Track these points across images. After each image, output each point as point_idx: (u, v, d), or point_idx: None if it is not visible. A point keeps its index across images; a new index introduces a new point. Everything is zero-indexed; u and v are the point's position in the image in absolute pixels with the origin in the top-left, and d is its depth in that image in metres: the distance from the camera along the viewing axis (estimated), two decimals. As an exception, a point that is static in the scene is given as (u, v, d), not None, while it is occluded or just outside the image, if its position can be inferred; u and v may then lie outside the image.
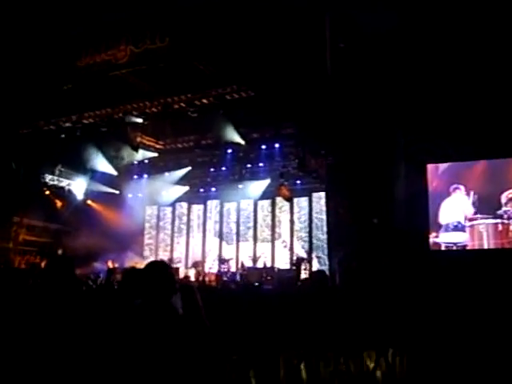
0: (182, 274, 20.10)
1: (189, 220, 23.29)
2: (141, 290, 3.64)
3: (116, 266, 18.59)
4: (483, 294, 7.94)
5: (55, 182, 21.28)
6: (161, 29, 14.85)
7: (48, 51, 16.33)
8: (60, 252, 19.91)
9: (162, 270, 3.72)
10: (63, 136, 18.16)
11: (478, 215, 14.04)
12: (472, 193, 14.04)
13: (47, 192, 20.98)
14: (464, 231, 14.18)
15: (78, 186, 21.81)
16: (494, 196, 13.87)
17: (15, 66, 16.48)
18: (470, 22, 12.30)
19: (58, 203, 21.41)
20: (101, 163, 20.32)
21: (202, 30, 14.20)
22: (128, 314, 3.61)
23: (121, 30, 15.57)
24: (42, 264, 18.25)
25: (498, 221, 13.83)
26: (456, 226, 14.20)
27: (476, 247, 14.05)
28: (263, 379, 4.25)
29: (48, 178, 20.92)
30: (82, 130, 18.01)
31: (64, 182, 21.53)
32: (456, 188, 14.22)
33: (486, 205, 13.97)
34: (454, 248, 14.12)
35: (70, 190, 21.76)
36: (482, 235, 13.95)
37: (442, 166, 14.48)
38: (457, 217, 14.22)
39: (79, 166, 20.46)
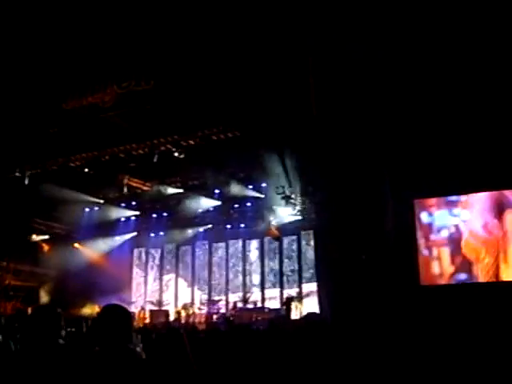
0: (172, 316, 19.90)
1: (177, 261, 23.11)
2: (98, 337, 3.55)
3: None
4: (476, 330, 7.89)
5: (43, 227, 21.17)
6: (146, 72, 15.01)
7: (34, 95, 16.40)
8: (45, 300, 19.67)
9: (116, 314, 3.61)
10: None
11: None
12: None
13: (34, 236, 20.84)
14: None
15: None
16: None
17: (1, 110, 16.51)
18: (456, 55, 12.49)
19: (45, 247, 21.25)
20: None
21: (187, 72, 14.36)
22: (87, 362, 3.52)
23: (107, 74, 15.72)
24: (28, 310, 17.98)
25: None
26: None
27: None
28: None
29: (36, 222, 20.81)
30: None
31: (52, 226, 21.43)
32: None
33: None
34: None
35: (58, 234, 21.63)
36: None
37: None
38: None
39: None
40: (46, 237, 21.43)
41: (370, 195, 13.67)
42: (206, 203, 20.23)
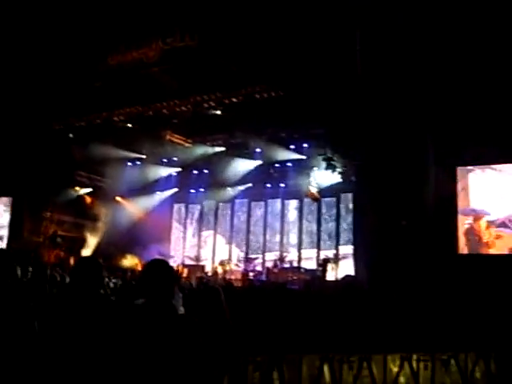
0: (209, 272, 20.23)
1: (216, 218, 23.33)
2: (142, 289, 3.65)
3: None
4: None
5: (85, 180, 21.58)
6: (191, 27, 14.92)
7: (80, 49, 16.52)
8: (89, 252, 20.16)
9: (162, 269, 3.70)
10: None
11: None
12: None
13: (77, 188, 21.27)
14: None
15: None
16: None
17: (47, 62, 16.70)
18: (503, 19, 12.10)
19: (88, 199, 21.69)
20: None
21: (231, 29, 14.24)
22: (129, 314, 3.63)
23: (152, 29, 15.69)
24: (71, 259, 18.51)
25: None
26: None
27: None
28: (286, 381, 4.23)
29: (80, 174, 21.22)
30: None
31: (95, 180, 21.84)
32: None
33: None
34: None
35: (100, 187, 22.03)
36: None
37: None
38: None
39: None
40: (89, 190, 21.83)
41: (412, 160, 13.49)
42: (246, 165, 20.28)
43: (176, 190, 22.72)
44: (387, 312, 5.85)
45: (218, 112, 16.75)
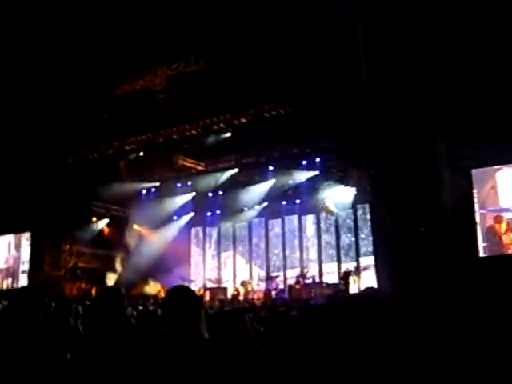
0: (230, 293, 20.16)
1: (234, 239, 23.31)
2: (166, 317, 3.65)
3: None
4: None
5: (102, 210, 21.70)
6: (195, 51, 15.06)
7: (87, 81, 16.74)
8: (110, 282, 20.19)
9: (185, 296, 3.71)
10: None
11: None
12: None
13: (94, 219, 21.39)
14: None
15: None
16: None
17: (57, 97, 16.93)
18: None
19: (106, 229, 21.80)
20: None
21: (235, 50, 14.34)
22: (154, 340, 3.63)
23: (157, 56, 15.87)
24: (93, 291, 18.56)
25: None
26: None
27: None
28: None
29: (95, 205, 21.35)
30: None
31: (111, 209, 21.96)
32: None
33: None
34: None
35: (117, 216, 22.15)
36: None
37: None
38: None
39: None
40: (106, 220, 21.94)
41: (426, 166, 13.42)
42: (260, 187, 20.33)
43: (193, 214, 22.76)
44: (410, 322, 5.77)
45: (228, 134, 16.83)
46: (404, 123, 13.36)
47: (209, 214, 22.99)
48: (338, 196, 19.19)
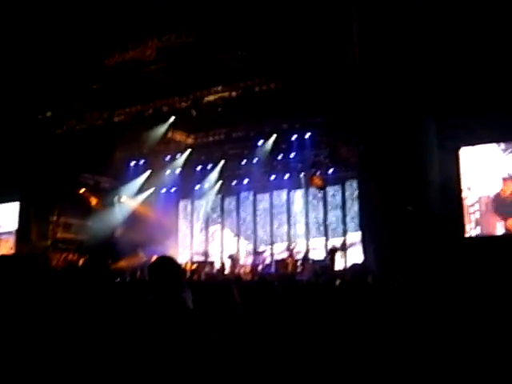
0: (217, 266, 20.22)
1: (222, 212, 23.32)
2: (152, 286, 3.71)
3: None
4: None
5: (90, 181, 21.60)
6: (187, 24, 14.92)
7: (77, 51, 16.55)
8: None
9: (169, 266, 3.78)
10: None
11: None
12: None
13: (82, 190, 21.28)
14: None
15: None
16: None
17: (45, 68, 16.75)
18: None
19: (93, 201, 21.71)
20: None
21: (227, 23, 14.23)
22: (140, 309, 3.69)
23: (147, 27, 15.71)
24: (80, 261, 18.56)
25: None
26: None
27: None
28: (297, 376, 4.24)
29: (83, 176, 21.24)
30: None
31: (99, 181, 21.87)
32: None
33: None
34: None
35: (105, 188, 22.07)
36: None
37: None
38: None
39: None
40: (94, 192, 21.85)
41: (414, 144, 13.47)
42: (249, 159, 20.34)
43: (180, 186, 22.72)
44: (395, 298, 5.86)
45: (218, 108, 16.76)
46: (394, 101, 13.38)
47: (197, 186, 22.94)
48: (327, 171, 19.20)
